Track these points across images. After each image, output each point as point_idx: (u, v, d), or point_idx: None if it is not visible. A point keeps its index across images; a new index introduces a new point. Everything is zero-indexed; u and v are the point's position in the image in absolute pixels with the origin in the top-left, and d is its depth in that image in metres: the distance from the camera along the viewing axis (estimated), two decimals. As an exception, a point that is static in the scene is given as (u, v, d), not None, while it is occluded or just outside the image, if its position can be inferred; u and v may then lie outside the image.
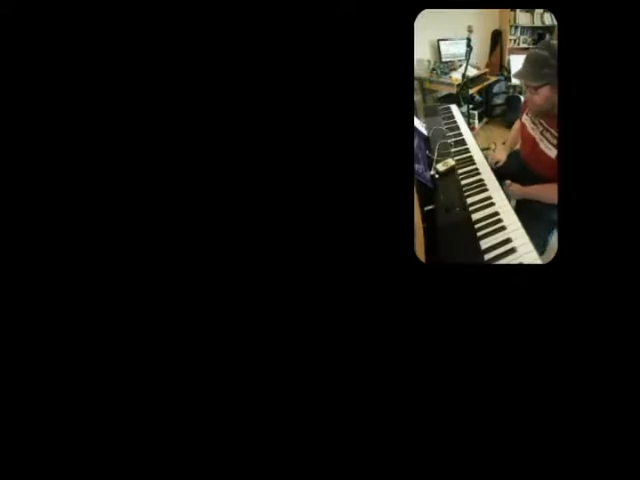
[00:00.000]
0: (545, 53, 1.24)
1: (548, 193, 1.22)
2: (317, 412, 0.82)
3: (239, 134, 0.99)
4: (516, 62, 2.56)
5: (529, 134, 1.42)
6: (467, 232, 1.14)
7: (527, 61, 1.30)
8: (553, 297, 0.80)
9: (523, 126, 1.48)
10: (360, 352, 0.82)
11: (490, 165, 1.52)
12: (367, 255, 0.81)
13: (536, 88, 1.27)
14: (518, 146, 1.63)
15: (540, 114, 1.34)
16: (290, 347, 0.82)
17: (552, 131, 1.30)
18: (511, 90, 2.76)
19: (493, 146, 1.70)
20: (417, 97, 2.49)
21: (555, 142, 1.26)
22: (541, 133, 1.36)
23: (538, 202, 1.34)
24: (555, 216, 0.82)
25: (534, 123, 1.40)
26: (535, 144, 1.38)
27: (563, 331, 0.80)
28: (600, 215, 0.79)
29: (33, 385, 0.81)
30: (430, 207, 1.24)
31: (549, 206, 1.27)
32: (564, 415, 0.80)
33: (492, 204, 1.25)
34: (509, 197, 1.37)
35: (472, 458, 0.81)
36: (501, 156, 1.59)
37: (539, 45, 1.34)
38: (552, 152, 1.29)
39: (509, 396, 0.81)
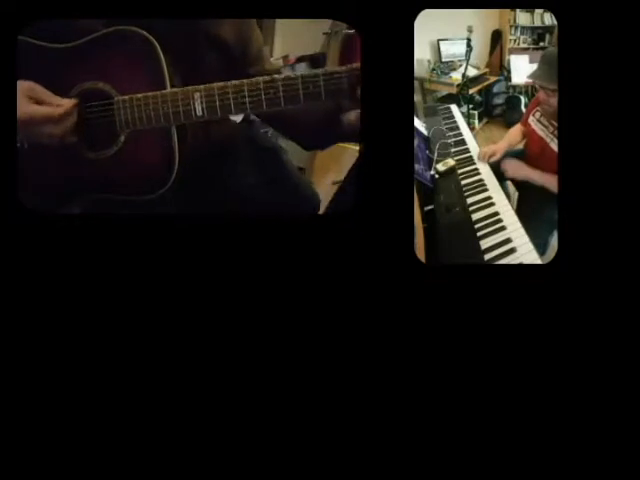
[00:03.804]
0: None
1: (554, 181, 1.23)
2: (316, 413, 0.82)
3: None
4: (516, 62, 2.56)
5: (537, 135, 1.42)
6: (467, 232, 1.14)
7: (544, 62, 1.28)
8: (553, 297, 0.80)
9: (529, 127, 1.48)
10: (360, 353, 0.82)
11: (483, 157, 1.50)
12: (367, 255, 0.81)
13: (553, 90, 1.25)
14: (520, 146, 1.63)
15: (555, 116, 1.33)
16: (288, 347, 0.82)
17: None
18: (511, 90, 2.76)
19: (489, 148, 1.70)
20: (417, 97, 2.49)
21: None
22: (552, 133, 1.35)
23: (539, 199, 1.34)
24: (555, 216, 0.82)
25: (542, 123, 1.40)
26: (545, 144, 1.37)
27: (563, 331, 0.80)
28: (600, 215, 0.79)
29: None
30: (430, 207, 1.24)
31: (549, 206, 1.28)
32: (564, 415, 0.80)
33: (492, 204, 1.25)
34: (504, 177, 1.35)
35: (472, 458, 0.81)
36: (498, 149, 1.57)
37: (553, 46, 1.33)
38: None
39: (509, 396, 0.81)
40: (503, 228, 1.14)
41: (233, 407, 0.82)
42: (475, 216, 1.20)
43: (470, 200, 1.29)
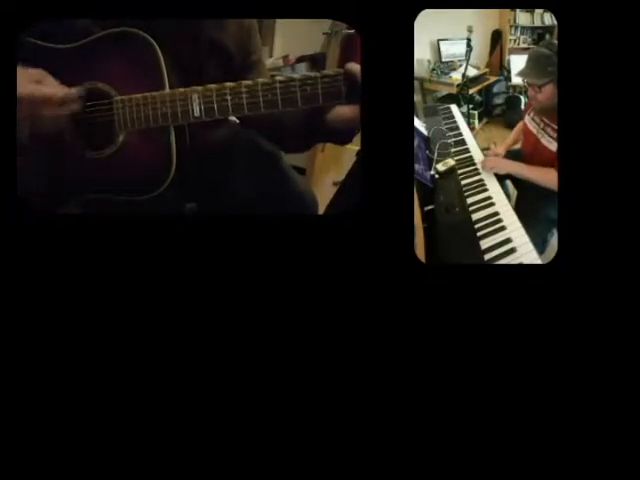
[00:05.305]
0: (548, 51, 1.27)
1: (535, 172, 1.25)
2: (316, 413, 0.82)
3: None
4: (516, 62, 2.56)
5: (530, 132, 1.44)
6: (467, 232, 1.14)
7: (530, 60, 1.33)
8: (553, 297, 0.80)
9: (525, 125, 1.49)
10: (360, 353, 0.82)
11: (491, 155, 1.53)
12: (367, 255, 0.81)
13: (540, 86, 1.29)
14: (518, 145, 1.64)
15: (543, 111, 1.36)
16: (288, 348, 0.82)
17: (553, 125, 1.32)
18: (511, 90, 2.76)
19: (493, 146, 1.71)
20: (417, 97, 2.49)
21: (555, 135, 1.28)
22: (542, 129, 1.37)
23: (537, 197, 1.35)
24: (554, 214, 0.82)
25: (535, 121, 1.42)
26: (537, 141, 1.39)
27: (563, 331, 0.80)
28: (601, 215, 0.79)
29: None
30: (430, 207, 1.25)
31: (548, 204, 1.28)
32: (564, 415, 0.80)
33: (492, 204, 1.26)
34: (485, 169, 1.40)
35: (472, 458, 0.81)
36: (501, 150, 1.61)
37: (541, 44, 1.37)
38: (553, 145, 1.30)
39: (509, 396, 0.81)
40: (503, 228, 1.14)
41: (232, 408, 0.82)
42: (475, 216, 1.21)
43: (470, 200, 1.29)
